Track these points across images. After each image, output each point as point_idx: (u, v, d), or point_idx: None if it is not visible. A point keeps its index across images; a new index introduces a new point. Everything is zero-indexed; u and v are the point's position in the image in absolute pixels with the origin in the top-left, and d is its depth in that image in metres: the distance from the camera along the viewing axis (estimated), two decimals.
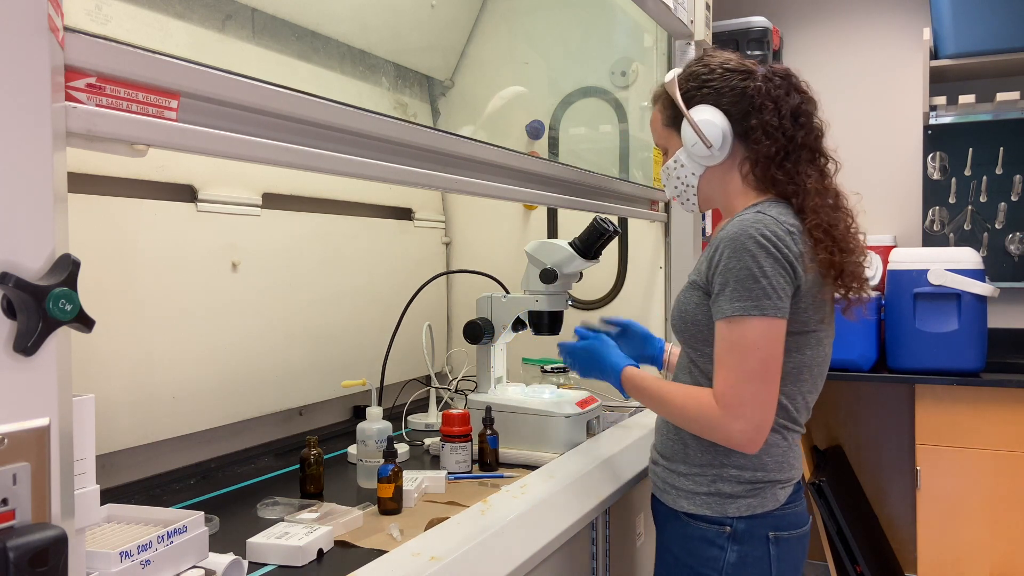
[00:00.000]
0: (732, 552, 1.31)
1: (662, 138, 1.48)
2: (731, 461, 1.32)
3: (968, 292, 2.72)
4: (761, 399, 1.24)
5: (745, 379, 1.23)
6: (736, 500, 1.31)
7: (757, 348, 1.23)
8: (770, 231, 1.25)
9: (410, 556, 1.08)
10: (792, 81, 1.38)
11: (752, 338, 1.23)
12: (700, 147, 1.37)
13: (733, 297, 1.24)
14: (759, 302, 1.23)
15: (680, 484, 1.36)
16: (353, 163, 1.04)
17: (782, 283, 1.24)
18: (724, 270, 1.26)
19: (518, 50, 2.44)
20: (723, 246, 1.27)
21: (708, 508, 1.33)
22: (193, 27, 1.56)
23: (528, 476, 1.49)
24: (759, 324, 1.23)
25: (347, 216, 2.06)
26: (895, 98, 3.40)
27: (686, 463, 1.36)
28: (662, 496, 1.41)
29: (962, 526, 2.77)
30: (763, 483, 1.32)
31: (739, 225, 1.27)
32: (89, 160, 1.38)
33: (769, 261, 1.23)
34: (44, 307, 0.57)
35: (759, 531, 1.31)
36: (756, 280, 1.23)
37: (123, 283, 1.46)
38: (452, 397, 2.16)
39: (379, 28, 2.11)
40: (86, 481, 0.69)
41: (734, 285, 1.24)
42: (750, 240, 1.24)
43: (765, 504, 1.32)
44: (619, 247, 2.34)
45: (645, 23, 2.25)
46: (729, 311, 1.24)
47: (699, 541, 1.33)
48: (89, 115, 0.68)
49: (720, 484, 1.32)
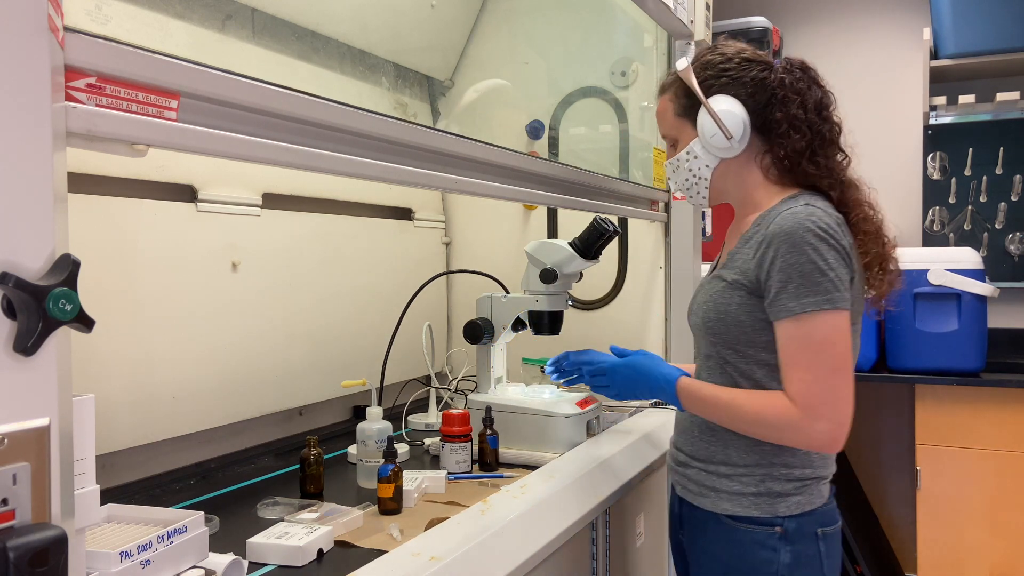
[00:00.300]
0: (785, 553, 1.27)
1: (673, 128, 1.42)
2: (780, 459, 1.28)
3: (968, 292, 2.72)
4: (840, 395, 1.20)
5: (823, 377, 1.19)
6: (786, 499, 1.28)
7: (831, 343, 1.19)
8: (825, 223, 1.22)
9: (410, 556, 1.08)
10: (811, 74, 1.35)
11: (825, 333, 1.19)
12: (719, 138, 1.33)
13: (800, 293, 1.19)
14: (829, 295, 1.19)
15: (722, 486, 1.31)
16: (353, 163, 1.04)
17: (844, 275, 1.21)
18: (784, 266, 1.21)
19: (518, 50, 2.44)
20: (777, 242, 1.22)
21: (756, 509, 1.28)
22: (193, 27, 1.56)
23: (528, 476, 1.49)
24: (830, 318, 1.19)
25: (347, 216, 2.06)
26: (895, 98, 3.40)
27: (727, 464, 1.31)
28: (696, 500, 1.35)
29: (962, 526, 2.78)
30: (811, 479, 1.29)
31: (791, 219, 1.22)
32: (89, 160, 1.38)
33: (832, 253, 1.20)
34: (44, 307, 0.57)
35: (808, 529, 1.28)
36: (823, 273, 1.19)
37: (123, 283, 1.46)
38: (452, 397, 2.16)
39: (379, 28, 2.11)
40: (86, 481, 0.69)
41: (799, 281, 1.20)
42: (809, 233, 1.20)
43: (813, 501, 1.29)
44: (619, 247, 2.34)
45: (645, 23, 2.25)
46: (797, 308, 1.20)
47: (749, 545, 1.28)
48: (89, 115, 0.68)
49: (770, 483, 1.28)
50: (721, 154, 1.36)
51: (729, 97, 1.34)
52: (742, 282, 1.28)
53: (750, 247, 1.28)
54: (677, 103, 1.41)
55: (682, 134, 1.41)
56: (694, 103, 1.37)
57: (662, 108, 1.44)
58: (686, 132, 1.40)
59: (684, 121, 1.39)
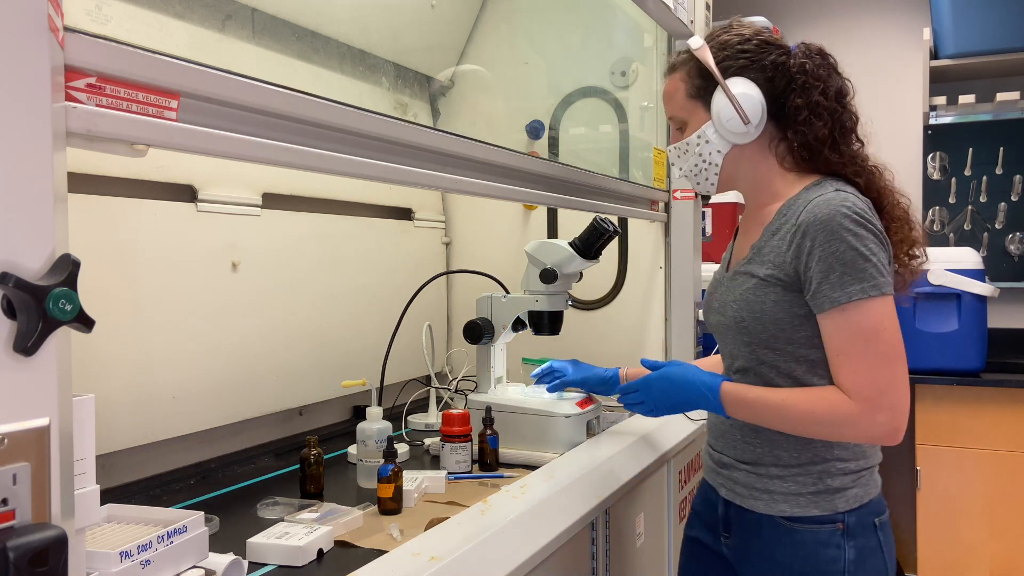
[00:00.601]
0: (850, 549, 1.23)
1: (683, 110, 1.35)
2: (834, 454, 1.24)
3: (968, 292, 2.72)
4: (897, 382, 1.17)
5: (878, 365, 1.16)
6: (844, 492, 1.24)
7: (883, 329, 1.16)
8: (860, 208, 1.18)
9: (410, 556, 1.08)
10: (831, 61, 1.31)
11: (876, 320, 1.16)
12: (736, 123, 1.27)
13: (844, 282, 1.16)
14: (875, 281, 1.16)
15: (775, 487, 1.27)
16: (353, 163, 1.04)
17: (884, 259, 1.18)
18: (824, 256, 1.16)
19: (518, 50, 2.44)
20: (813, 231, 1.18)
21: (816, 507, 1.24)
22: (193, 27, 1.56)
23: (528, 476, 1.49)
24: (879, 304, 1.16)
25: (347, 216, 2.06)
26: (895, 98, 3.40)
27: (778, 464, 1.27)
28: (748, 503, 1.30)
29: (962, 526, 2.78)
30: (865, 470, 1.26)
31: (825, 206, 1.18)
32: (89, 160, 1.38)
33: (871, 238, 1.16)
34: (44, 307, 0.57)
35: (867, 520, 1.25)
36: (866, 259, 1.15)
37: (123, 283, 1.46)
38: (452, 397, 2.16)
39: (379, 28, 2.11)
40: (86, 481, 0.69)
41: (841, 270, 1.16)
42: (846, 219, 1.16)
43: (869, 492, 1.26)
44: (619, 247, 2.33)
45: (645, 23, 2.25)
46: (843, 298, 1.16)
47: (813, 545, 1.24)
48: (89, 115, 0.68)
49: (828, 480, 1.24)
50: (735, 140, 1.30)
51: (747, 80, 1.28)
52: (778, 276, 1.23)
53: (780, 239, 1.24)
54: (690, 83, 1.33)
55: (693, 117, 1.34)
56: (709, 84, 1.30)
57: (672, 88, 1.37)
58: (697, 115, 1.33)
59: (696, 103, 1.33)
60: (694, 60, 1.33)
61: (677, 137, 1.38)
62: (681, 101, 1.35)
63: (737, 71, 1.29)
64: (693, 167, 1.35)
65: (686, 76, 1.34)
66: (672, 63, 1.38)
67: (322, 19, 1.90)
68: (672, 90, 1.37)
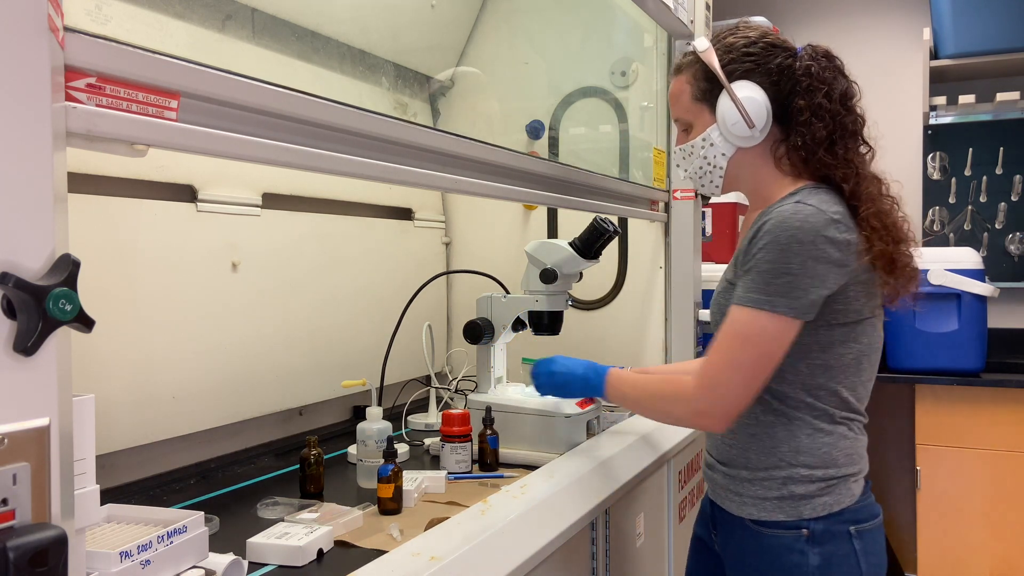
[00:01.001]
0: (814, 555, 1.23)
1: (688, 113, 1.35)
2: (799, 460, 1.24)
3: (968, 292, 2.72)
4: (739, 392, 1.20)
5: (729, 365, 1.20)
6: (810, 500, 1.24)
7: (752, 342, 1.19)
8: (810, 224, 1.17)
9: (410, 556, 1.08)
10: (837, 63, 1.30)
11: (754, 331, 1.19)
12: (741, 127, 1.27)
13: (750, 287, 1.19)
14: (772, 299, 1.17)
15: (745, 490, 1.29)
16: (353, 163, 1.04)
17: (808, 284, 1.17)
18: (754, 259, 1.20)
19: (518, 50, 2.44)
20: (760, 236, 1.20)
21: (781, 512, 1.25)
22: (193, 27, 1.56)
23: (528, 476, 1.49)
24: (765, 320, 1.18)
25: (347, 216, 2.06)
26: (895, 98, 3.40)
27: (747, 468, 1.29)
28: (724, 503, 1.33)
29: (962, 526, 2.78)
30: (836, 479, 1.24)
31: (777, 217, 1.19)
32: (89, 160, 1.38)
33: (798, 260, 1.16)
34: (44, 307, 0.57)
35: (839, 528, 1.23)
36: (778, 276, 1.17)
37: (123, 283, 1.46)
38: (452, 397, 2.16)
39: (379, 28, 2.11)
40: (86, 481, 0.69)
41: (755, 275, 1.19)
42: (784, 233, 1.17)
43: (841, 501, 1.24)
44: (619, 247, 2.34)
45: (645, 23, 2.25)
46: (744, 300, 1.20)
47: (777, 550, 1.25)
48: (89, 115, 0.68)
49: (792, 486, 1.24)
50: (740, 143, 1.31)
51: (752, 83, 1.28)
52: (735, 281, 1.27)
53: (743, 243, 1.26)
54: (695, 86, 1.34)
55: (698, 119, 1.34)
56: (714, 87, 1.30)
57: (677, 90, 1.37)
58: (703, 117, 1.33)
59: (702, 106, 1.33)
60: (700, 62, 1.32)
61: (683, 139, 1.39)
62: (687, 103, 1.35)
63: (742, 74, 1.29)
64: (698, 169, 1.36)
65: (692, 79, 1.34)
66: (678, 64, 1.38)
67: (322, 19, 1.90)
68: (678, 92, 1.37)
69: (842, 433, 1.26)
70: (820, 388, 1.24)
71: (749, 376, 1.20)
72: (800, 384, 1.24)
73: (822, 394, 1.25)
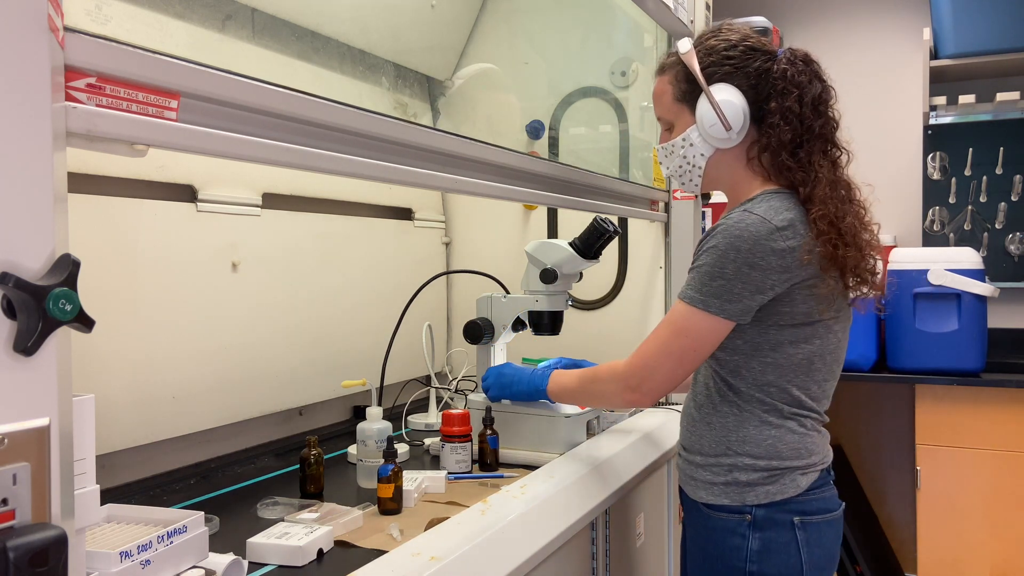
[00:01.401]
0: (755, 540, 1.29)
1: (669, 112, 1.39)
2: (744, 449, 1.31)
3: (968, 292, 2.72)
4: (666, 375, 1.30)
5: (664, 353, 1.30)
6: (754, 488, 1.30)
7: (686, 336, 1.27)
8: (749, 233, 1.22)
9: (410, 556, 1.08)
10: (814, 68, 1.33)
11: (688, 325, 1.27)
12: (718, 128, 1.31)
13: (691, 284, 1.28)
14: (707, 299, 1.25)
15: (699, 475, 1.36)
16: (353, 163, 1.04)
17: (741, 289, 1.23)
18: (698, 260, 1.28)
19: (518, 50, 2.44)
20: (708, 238, 1.28)
21: (727, 497, 1.32)
22: (193, 27, 1.56)
23: (528, 476, 1.49)
24: (698, 317, 1.26)
25: (347, 216, 2.06)
26: (895, 98, 3.40)
27: (702, 453, 1.36)
28: (684, 486, 1.41)
29: (962, 526, 2.78)
30: (779, 470, 1.30)
31: (725, 223, 1.26)
32: (89, 160, 1.38)
33: (733, 266, 1.22)
34: (44, 307, 0.57)
35: (782, 517, 1.29)
36: (713, 279, 1.24)
37: (123, 283, 1.46)
38: (452, 397, 2.16)
39: (379, 28, 2.11)
40: (86, 481, 0.69)
41: (696, 275, 1.27)
42: (724, 240, 1.24)
43: (785, 491, 1.29)
44: (619, 247, 2.34)
45: (645, 23, 2.25)
46: (684, 296, 1.28)
47: (721, 532, 1.32)
48: (89, 115, 0.68)
49: (736, 473, 1.31)
50: (718, 144, 1.34)
51: (730, 86, 1.31)
52: None
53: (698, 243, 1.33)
54: (676, 87, 1.37)
55: (679, 119, 1.38)
56: (694, 89, 1.34)
57: (660, 90, 1.41)
58: (683, 118, 1.37)
59: (682, 106, 1.37)
60: (682, 63, 1.36)
61: (665, 137, 1.43)
62: (668, 103, 1.39)
63: (722, 77, 1.32)
64: (678, 168, 1.41)
65: (673, 79, 1.38)
66: (662, 64, 1.42)
67: (322, 19, 1.90)
68: (660, 92, 1.41)
69: (790, 428, 1.31)
70: (770, 385, 1.31)
71: (676, 364, 1.30)
72: (752, 380, 1.31)
73: (772, 391, 1.31)
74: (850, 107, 3.95)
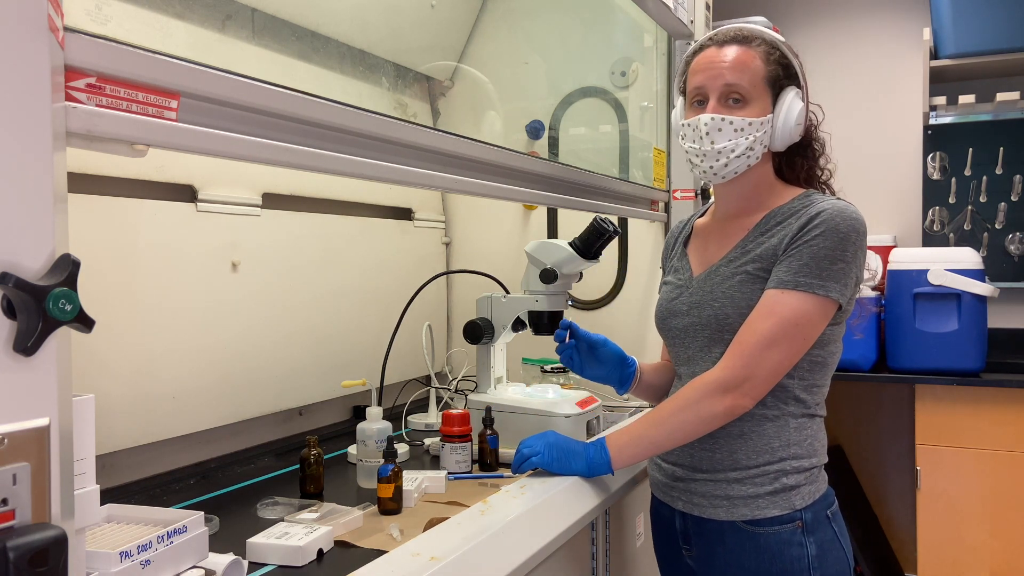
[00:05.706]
0: (811, 545, 1.27)
1: (755, 88, 1.28)
2: (790, 452, 1.28)
3: (968, 292, 2.72)
4: (771, 369, 1.22)
5: (768, 346, 1.21)
6: (799, 489, 1.28)
7: (797, 326, 1.21)
8: (860, 221, 1.25)
9: (410, 556, 1.08)
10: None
11: (798, 314, 1.21)
12: (798, 130, 1.31)
13: (801, 271, 1.22)
14: (826, 283, 1.21)
15: (735, 492, 1.29)
16: (353, 163, 1.04)
17: (856, 273, 1.24)
18: (807, 246, 1.22)
19: (518, 50, 2.44)
20: (815, 225, 1.23)
21: (775, 507, 1.27)
22: (193, 27, 1.56)
23: (528, 476, 1.49)
24: (812, 303, 1.21)
25: (347, 216, 2.06)
26: (895, 98, 3.40)
27: (737, 468, 1.29)
28: (708, 512, 1.32)
29: (962, 526, 2.77)
30: (816, 467, 1.32)
31: (834, 208, 1.24)
32: (89, 160, 1.38)
33: (852, 249, 1.23)
34: (44, 307, 0.57)
35: (821, 514, 1.30)
36: (834, 262, 1.22)
37: (123, 283, 1.46)
38: (452, 397, 2.16)
39: (379, 28, 2.11)
40: (86, 481, 0.69)
41: (808, 261, 1.21)
42: (845, 223, 1.23)
43: (821, 488, 1.31)
44: (619, 247, 2.33)
45: (645, 23, 2.25)
46: (791, 284, 1.22)
47: (776, 546, 1.26)
48: (89, 115, 0.68)
49: (784, 478, 1.28)
50: (785, 143, 1.33)
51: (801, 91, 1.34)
52: (767, 269, 1.28)
53: (771, 236, 1.29)
54: (770, 68, 1.29)
55: (758, 101, 1.29)
56: (786, 82, 1.31)
57: (748, 61, 1.28)
58: (763, 102, 1.29)
59: (768, 91, 1.30)
60: (772, 47, 1.32)
61: (725, 109, 1.29)
62: (756, 80, 1.29)
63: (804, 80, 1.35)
64: (732, 149, 1.28)
65: (766, 58, 1.30)
66: (744, 34, 1.31)
67: (322, 19, 1.90)
68: (748, 63, 1.29)
69: (819, 424, 1.33)
70: (814, 384, 1.31)
71: (784, 356, 1.22)
72: (799, 378, 1.29)
73: (814, 389, 1.31)
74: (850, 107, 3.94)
